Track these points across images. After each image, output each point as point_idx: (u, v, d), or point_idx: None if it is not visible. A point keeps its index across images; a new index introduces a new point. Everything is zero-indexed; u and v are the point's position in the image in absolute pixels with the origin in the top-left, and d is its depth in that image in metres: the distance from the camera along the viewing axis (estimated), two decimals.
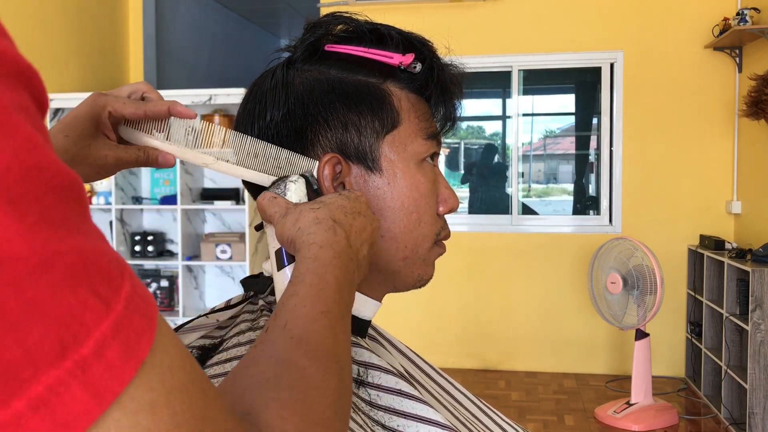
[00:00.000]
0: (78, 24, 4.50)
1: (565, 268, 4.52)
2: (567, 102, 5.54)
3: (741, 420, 3.49)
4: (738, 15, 3.91)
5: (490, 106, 5.51)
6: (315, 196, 0.61)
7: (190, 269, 4.53)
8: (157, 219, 4.70)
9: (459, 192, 5.01)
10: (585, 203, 5.02)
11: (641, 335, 3.70)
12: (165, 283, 4.56)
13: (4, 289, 0.25)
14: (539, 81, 4.99)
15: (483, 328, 4.64)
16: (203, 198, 4.50)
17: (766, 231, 3.79)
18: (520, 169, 4.72)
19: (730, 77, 4.30)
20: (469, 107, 5.26)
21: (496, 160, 5.20)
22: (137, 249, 4.50)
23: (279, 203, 0.59)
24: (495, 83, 4.97)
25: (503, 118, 5.08)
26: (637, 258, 3.69)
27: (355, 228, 0.56)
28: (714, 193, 4.35)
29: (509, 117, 4.80)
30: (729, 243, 3.93)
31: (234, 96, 4.20)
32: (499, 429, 0.75)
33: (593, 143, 4.89)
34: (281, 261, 0.59)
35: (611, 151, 4.53)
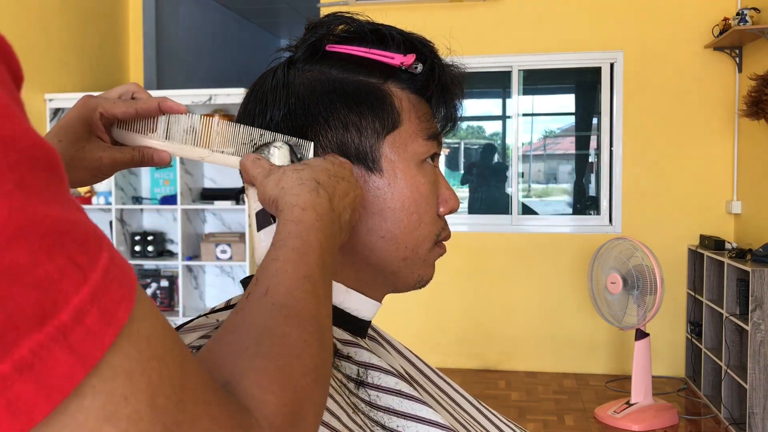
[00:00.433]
0: (78, 24, 4.50)
1: (565, 268, 4.52)
2: (567, 102, 5.53)
3: (741, 420, 3.49)
4: (738, 15, 3.91)
5: (490, 106, 5.51)
6: None
7: (190, 269, 4.53)
8: (157, 219, 4.69)
9: (459, 192, 5.01)
10: (585, 203, 5.02)
11: (641, 335, 3.70)
12: (165, 283, 4.56)
13: None
14: (539, 81, 4.99)
15: (483, 328, 4.64)
16: (203, 198, 4.50)
17: (766, 231, 3.79)
18: (520, 169, 4.72)
19: (730, 77, 4.30)
20: (469, 107, 5.26)
21: (496, 160, 5.20)
22: (137, 249, 4.50)
23: (262, 164, 0.59)
24: (495, 83, 4.97)
25: (503, 118, 5.08)
26: (637, 258, 3.69)
27: (339, 191, 0.56)
28: (714, 193, 4.35)
29: (509, 117, 4.80)
30: (729, 243, 3.93)
31: (234, 96, 4.20)
32: (497, 430, 0.75)
33: (593, 143, 4.89)
34: (261, 222, 0.59)
35: (611, 151, 4.53)
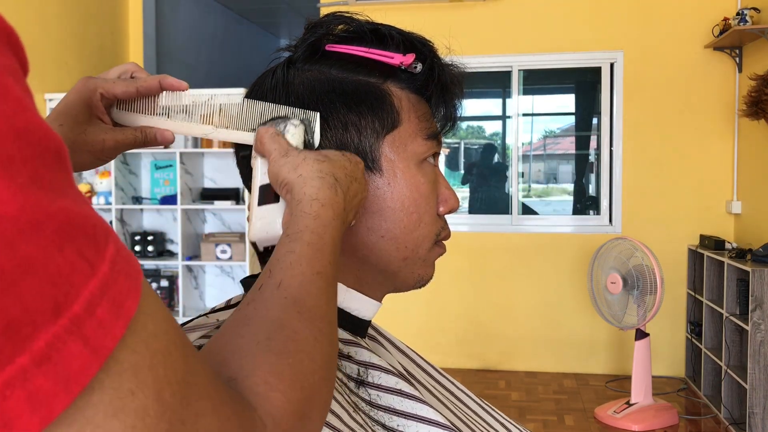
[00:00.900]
0: (78, 24, 4.50)
1: (565, 268, 4.52)
2: (567, 102, 5.54)
3: (741, 420, 3.49)
4: (738, 15, 3.91)
5: (490, 106, 5.51)
6: (308, 146, 0.60)
7: (190, 269, 4.53)
8: (157, 219, 4.69)
9: (459, 192, 5.01)
10: (585, 203, 5.02)
11: (641, 335, 3.70)
12: (165, 283, 4.56)
13: None
14: (539, 81, 4.99)
15: (483, 328, 4.64)
16: (203, 198, 4.50)
17: (766, 231, 3.79)
18: (520, 169, 4.72)
19: (730, 77, 4.30)
20: (469, 107, 5.26)
21: (496, 160, 5.20)
22: (137, 249, 4.50)
23: (281, 142, 0.59)
24: (495, 83, 4.97)
25: (503, 118, 5.08)
26: (637, 258, 3.69)
27: (351, 192, 0.57)
28: (714, 193, 4.35)
29: (509, 117, 4.80)
30: (729, 243, 3.93)
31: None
32: (503, 428, 0.75)
33: (593, 143, 4.89)
34: (264, 197, 0.58)
35: (611, 151, 4.53)
